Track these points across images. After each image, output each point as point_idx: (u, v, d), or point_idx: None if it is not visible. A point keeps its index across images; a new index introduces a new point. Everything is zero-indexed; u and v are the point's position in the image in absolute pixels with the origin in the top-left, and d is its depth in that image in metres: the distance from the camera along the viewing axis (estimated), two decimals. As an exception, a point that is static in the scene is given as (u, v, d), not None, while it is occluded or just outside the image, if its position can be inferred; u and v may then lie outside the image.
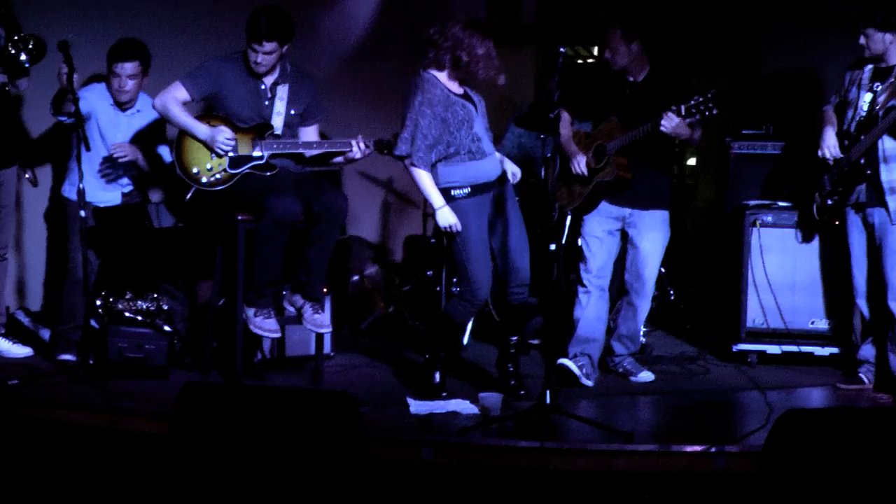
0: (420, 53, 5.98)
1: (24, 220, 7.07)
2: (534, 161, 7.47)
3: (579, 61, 10.04)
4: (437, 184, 5.90)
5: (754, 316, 6.96)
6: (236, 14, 6.33)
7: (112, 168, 6.66)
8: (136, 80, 6.62)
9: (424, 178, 5.89)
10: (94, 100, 6.64)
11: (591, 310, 6.44)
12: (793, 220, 6.93)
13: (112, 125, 6.68)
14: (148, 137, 6.74)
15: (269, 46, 6.00)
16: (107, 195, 6.70)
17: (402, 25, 8.42)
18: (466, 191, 5.91)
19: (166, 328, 6.31)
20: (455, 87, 5.95)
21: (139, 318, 6.33)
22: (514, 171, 6.12)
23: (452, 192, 5.92)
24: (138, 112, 6.73)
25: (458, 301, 6.09)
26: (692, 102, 6.00)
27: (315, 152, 6.21)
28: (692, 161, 8.51)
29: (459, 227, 5.86)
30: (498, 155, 6.11)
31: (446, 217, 5.86)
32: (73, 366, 6.27)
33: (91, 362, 5.91)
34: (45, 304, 7.13)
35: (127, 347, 6.20)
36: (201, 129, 6.09)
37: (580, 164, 6.37)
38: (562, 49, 5.64)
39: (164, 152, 6.73)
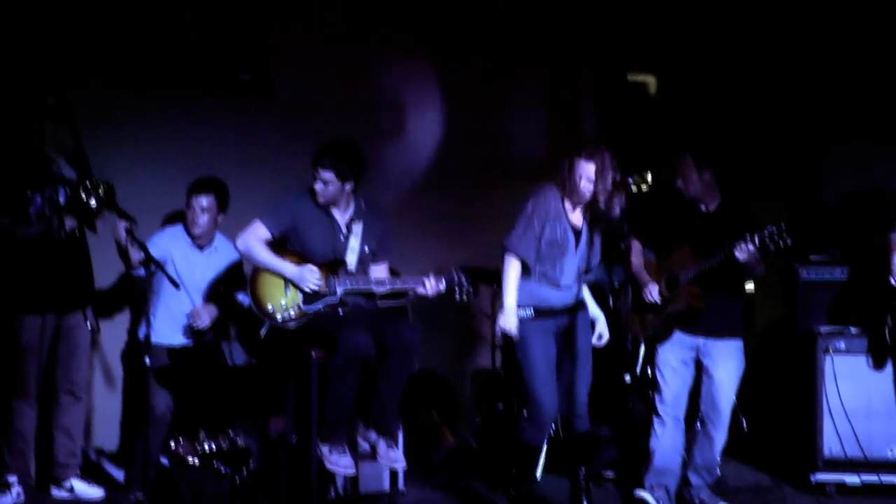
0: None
1: (94, 360, 7.11)
2: (602, 289, 7.46)
3: (635, 189, 10.03)
4: None
5: (831, 444, 6.85)
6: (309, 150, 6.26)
7: (195, 333, 6.75)
8: (210, 215, 6.73)
9: (511, 269, 6.01)
10: (166, 243, 6.74)
11: (666, 440, 6.39)
12: (864, 346, 6.87)
13: (188, 265, 6.76)
14: (226, 282, 6.80)
15: (326, 175, 6.05)
16: (182, 337, 6.77)
17: (463, 159, 8.52)
18: (529, 312, 5.99)
19: (222, 469, 6.31)
20: (574, 215, 6.05)
21: (197, 460, 6.36)
22: (601, 332, 6.17)
23: (517, 312, 5.99)
24: (216, 251, 6.82)
25: (527, 424, 6.10)
26: (766, 233, 5.98)
27: (387, 289, 6.23)
28: (750, 286, 8.48)
29: (514, 333, 5.93)
30: (595, 310, 6.09)
31: (508, 318, 5.95)
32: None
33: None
34: (122, 445, 7.15)
35: (186, 490, 6.26)
36: (288, 268, 6.10)
37: (653, 294, 6.38)
38: (630, 180, 5.67)
39: (242, 297, 6.72)
